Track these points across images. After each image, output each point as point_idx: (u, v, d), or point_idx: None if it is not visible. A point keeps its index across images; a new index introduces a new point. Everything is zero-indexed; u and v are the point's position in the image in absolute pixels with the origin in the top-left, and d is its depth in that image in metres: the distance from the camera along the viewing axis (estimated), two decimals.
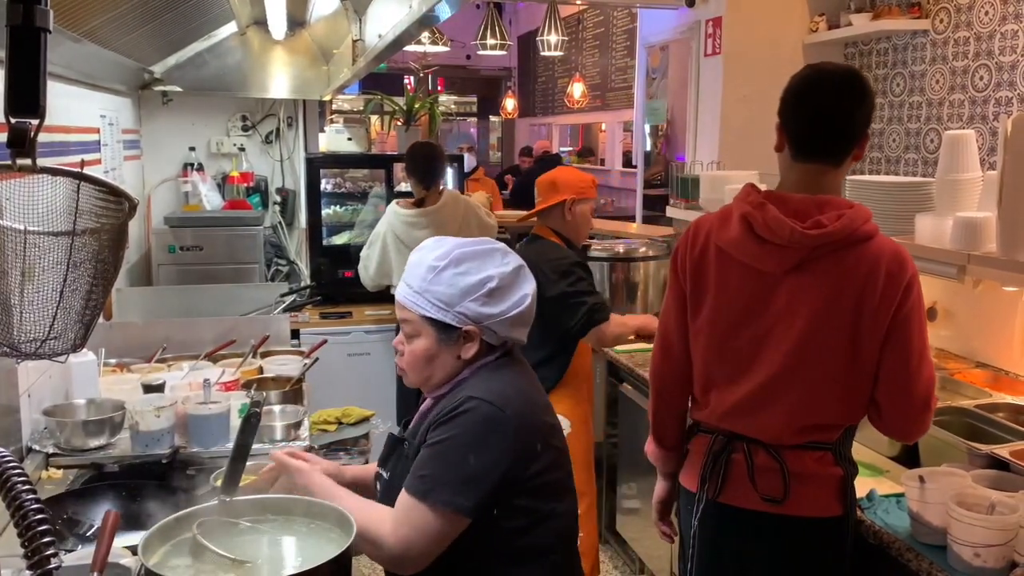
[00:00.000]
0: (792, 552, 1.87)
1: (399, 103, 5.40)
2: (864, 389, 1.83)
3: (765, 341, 1.85)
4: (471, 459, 1.49)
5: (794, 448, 1.84)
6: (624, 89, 8.54)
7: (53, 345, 1.26)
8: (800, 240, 1.76)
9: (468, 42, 8.38)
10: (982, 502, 1.73)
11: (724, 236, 1.88)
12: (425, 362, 1.59)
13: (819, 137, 1.82)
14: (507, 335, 1.60)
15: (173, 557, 1.50)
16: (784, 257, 1.79)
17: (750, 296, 1.86)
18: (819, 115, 1.82)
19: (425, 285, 1.56)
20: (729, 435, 1.90)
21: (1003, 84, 2.88)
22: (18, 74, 1.17)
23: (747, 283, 1.86)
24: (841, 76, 1.85)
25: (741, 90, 3.79)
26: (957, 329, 2.87)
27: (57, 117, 3.00)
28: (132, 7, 2.87)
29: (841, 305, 1.78)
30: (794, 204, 1.80)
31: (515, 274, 1.60)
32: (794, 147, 1.85)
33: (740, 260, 1.86)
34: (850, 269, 1.77)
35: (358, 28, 3.92)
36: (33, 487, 1.05)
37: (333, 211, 5.13)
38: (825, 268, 1.78)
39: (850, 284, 1.77)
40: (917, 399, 1.81)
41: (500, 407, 1.52)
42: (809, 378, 1.82)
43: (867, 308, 1.76)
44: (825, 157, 1.83)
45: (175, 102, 4.87)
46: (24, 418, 2.25)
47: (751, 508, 1.86)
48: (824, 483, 1.85)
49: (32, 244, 1.21)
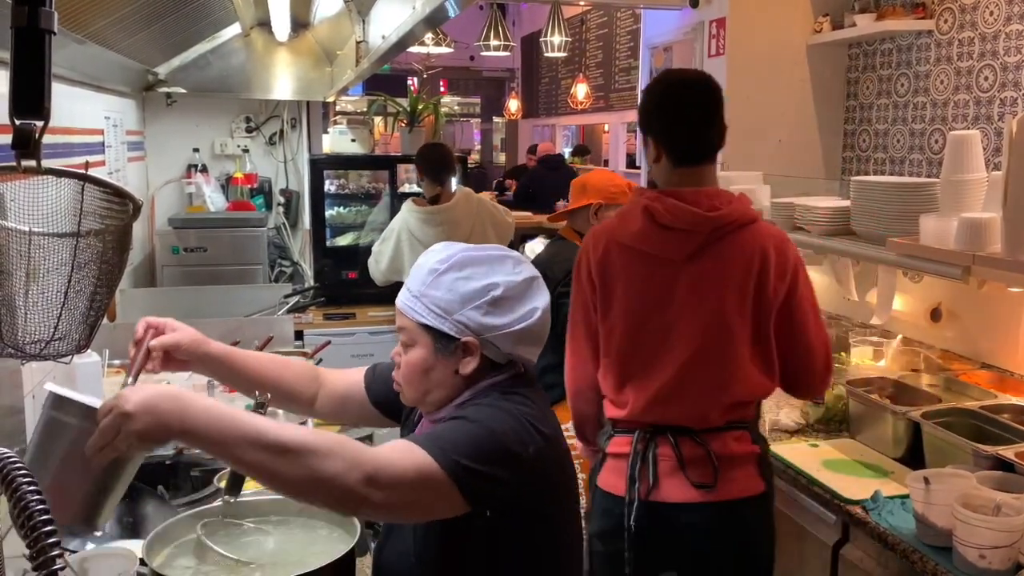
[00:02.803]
0: (727, 536, 1.95)
1: (402, 104, 5.41)
2: (773, 359, 1.98)
3: (676, 327, 1.95)
4: (485, 437, 1.30)
5: (717, 432, 1.95)
6: (628, 90, 8.53)
7: (58, 346, 1.26)
8: (702, 223, 1.91)
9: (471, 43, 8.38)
10: (987, 503, 1.73)
11: (626, 232, 1.99)
12: (421, 375, 1.40)
13: (698, 146, 2.00)
14: (511, 351, 1.40)
15: (177, 558, 1.50)
16: (687, 242, 1.94)
17: (657, 285, 1.97)
18: (693, 126, 1.99)
19: (424, 289, 1.39)
20: (653, 428, 1.95)
21: (1008, 84, 2.88)
22: (23, 76, 1.17)
23: (652, 273, 1.97)
24: (702, 85, 2.02)
25: (744, 91, 3.78)
26: (962, 330, 2.86)
27: (61, 119, 3.01)
28: (136, 9, 2.87)
29: (742, 283, 1.93)
30: (686, 196, 1.95)
31: (525, 285, 1.41)
32: (674, 158, 2.00)
33: (644, 251, 1.97)
34: (745, 249, 1.93)
35: (362, 29, 3.92)
36: (38, 487, 1.05)
37: (337, 212, 5.14)
38: (721, 250, 1.94)
39: (746, 262, 1.93)
40: (820, 357, 2.00)
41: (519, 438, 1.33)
42: (723, 356, 1.94)
43: (764, 282, 1.93)
44: (704, 160, 2.01)
45: (179, 103, 4.88)
46: (28, 419, 2.25)
47: (686, 501, 1.92)
48: (746, 462, 1.97)
49: (37, 245, 1.21)
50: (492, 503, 1.30)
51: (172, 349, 1.45)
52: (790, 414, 2.65)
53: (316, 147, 5.29)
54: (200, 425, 1.18)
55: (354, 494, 1.19)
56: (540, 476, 1.35)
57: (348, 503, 1.22)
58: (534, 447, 1.33)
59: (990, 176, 2.24)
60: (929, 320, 2.94)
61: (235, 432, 1.18)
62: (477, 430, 1.30)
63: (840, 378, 2.62)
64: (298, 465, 1.17)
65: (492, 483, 1.28)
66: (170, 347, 1.44)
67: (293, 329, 3.51)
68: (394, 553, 1.46)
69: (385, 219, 4.71)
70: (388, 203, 5.06)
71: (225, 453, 1.20)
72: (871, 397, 2.46)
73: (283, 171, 5.19)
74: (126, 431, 1.17)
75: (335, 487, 1.18)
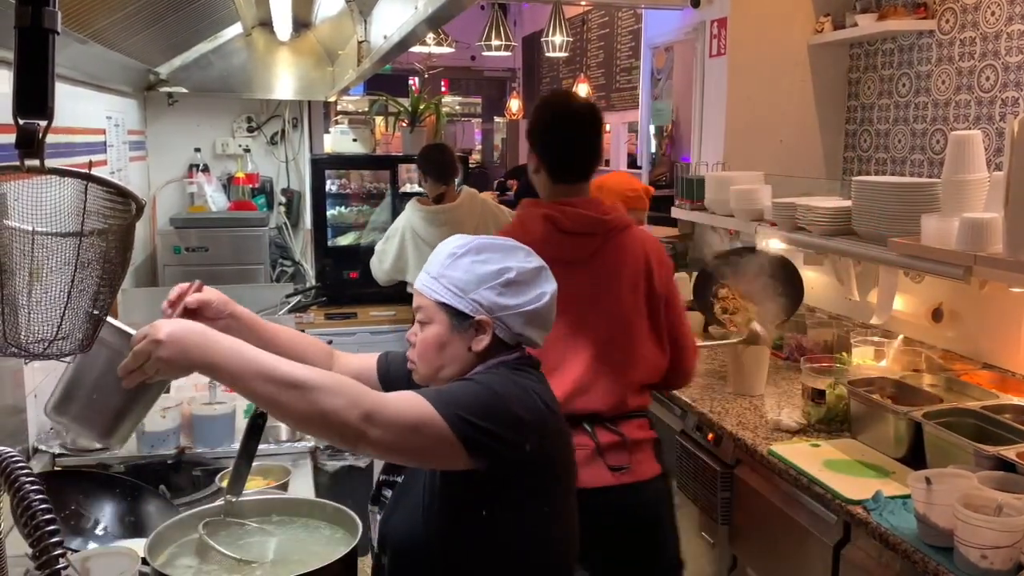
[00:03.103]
0: (639, 515, 2.20)
1: (404, 104, 5.41)
2: (664, 347, 2.27)
3: (584, 322, 2.17)
4: (489, 396, 1.41)
5: (626, 419, 2.20)
6: (629, 90, 8.53)
7: (61, 345, 1.26)
8: (599, 225, 2.20)
9: (473, 43, 8.38)
10: (989, 504, 1.73)
11: (530, 239, 2.01)
12: (436, 350, 1.51)
13: (575, 169, 2.25)
14: (521, 332, 1.52)
15: (179, 558, 1.51)
16: (587, 244, 2.20)
17: (563, 287, 2.00)
18: (574, 148, 2.24)
19: (442, 270, 1.50)
20: (570, 419, 2.04)
21: (1009, 84, 2.88)
22: (26, 75, 1.17)
23: (558, 275, 2.01)
24: (587, 111, 2.28)
25: (746, 91, 3.78)
26: (963, 330, 2.86)
27: (63, 118, 3.01)
28: (138, 9, 2.87)
29: (634, 278, 2.21)
30: (579, 204, 2.22)
31: (536, 271, 1.54)
32: (554, 175, 2.24)
33: (547, 256, 1.97)
34: (631, 248, 2.23)
35: (363, 29, 3.92)
36: (41, 486, 1.05)
37: (338, 212, 5.14)
38: (614, 250, 2.22)
39: (635, 260, 2.23)
40: (692, 347, 2.36)
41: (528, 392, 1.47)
42: (628, 344, 2.21)
43: (651, 278, 2.23)
44: (581, 179, 2.26)
45: (180, 103, 4.88)
46: (31, 418, 2.26)
47: (602, 485, 2.12)
48: (648, 446, 2.25)
49: (40, 245, 1.21)
50: (493, 458, 1.39)
51: (203, 306, 1.54)
52: (791, 414, 2.66)
53: (317, 147, 5.30)
54: (220, 358, 1.31)
55: (352, 428, 1.30)
56: (541, 441, 1.44)
57: (347, 436, 1.32)
58: (537, 414, 1.45)
59: (991, 176, 2.24)
60: (930, 320, 2.94)
61: (250, 366, 1.31)
62: (482, 390, 1.42)
63: (841, 378, 2.62)
64: (303, 399, 1.29)
65: (491, 438, 1.37)
66: (202, 303, 1.54)
67: (294, 329, 3.50)
68: (399, 522, 1.53)
69: (386, 219, 4.72)
70: (389, 203, 5.06)
71: (239, 384, 1.32)
72: (872, 397, 2.46)
73: (284, 171, 5.20)
74: (156, 356, 1.30)
75: (335, 420, 1.30)
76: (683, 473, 2.94)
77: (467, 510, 1.43)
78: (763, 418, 2.71)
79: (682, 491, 2.95)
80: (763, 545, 2.53)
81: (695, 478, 2.84)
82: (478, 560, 1.45)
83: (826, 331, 3.27)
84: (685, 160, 4.35)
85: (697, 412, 2.84)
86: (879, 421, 2.39)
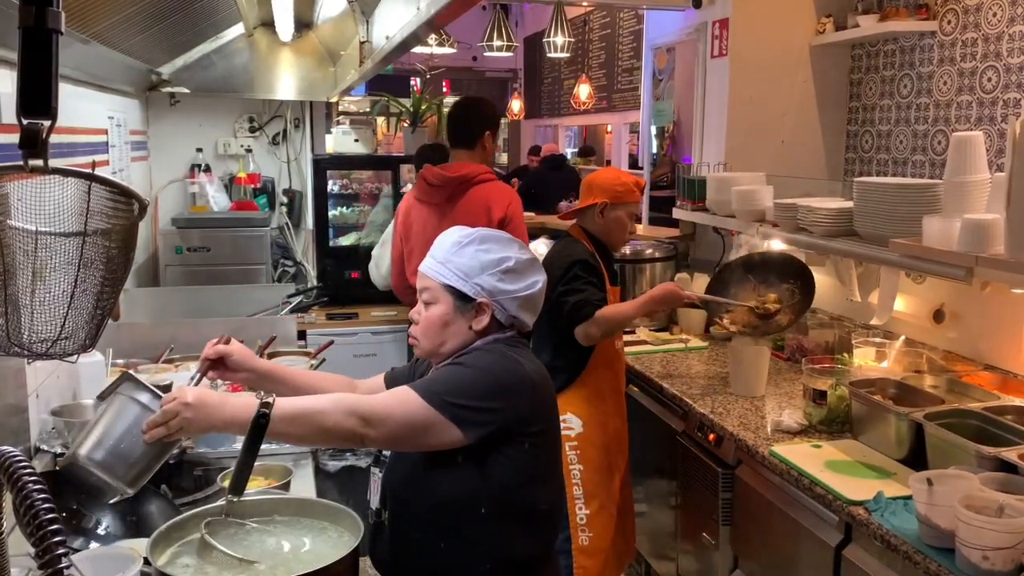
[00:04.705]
0: None
1: (405, 104, 5.41)
2: None
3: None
4: (479, 379, 1.61)
5: None
6: (630, 90, 8.53)
7: (64, 345, 1.27)
8: (448, 181, 3.25)
9: (474, 43, 8.38)
10: (990, 505, 1.73)
11: (416, 191, 3.42)
12: (440, 327, 1.69)
13: (451, 140, 3.42)
14: (516, 314, 1.71)
15: (181, 557, 1.51)
16: (440, 192, 3.28)
17: (431, 223, 3.24)
18: (458, 127, 3.37)
19: (449, 256, 1.69)
20: None
21: (1011, 85, 2.88)
22: (30, 75, 1.18)
23: (427, 213, 3.32)
24: (459, 107, 3.44)
25: (747, 92, 3.78)
26: (965, 331, 2.86)
27: (65, 118, 2.99)
28: (140, 9, 2.88)
29: (472, 219, 2.86)
30: (447, 168, 3.32)
31: (530, 262, 1.74)
32: (450, 143, 3.43)
33: (420, 200, 3.36)
34: (479, 197, 3.22)
35: (365, 30, 3.92)
36: (43, 485, 1.05)
37: (340, 212, 5.14)
38: (467, 198, 3.23)
39: (480, 204, 3.19)
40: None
41: (519, 361, 1.67)
42: None
43: (489, 216, 3.12)
44: (458, 147, 3.38)
45: (182, 103, 4.89)
46: (32, 418, 2.26)
47: None
48: None
49: (43, 245, 1.21)
50: (489, 429, 1.59)
51: (224, 356, 1.75)
52: (793, 415, 2.66)
53: (319, 147, 5.30)
54: (234, 417, 1.51)
55: (355, 434, 1.54)
56: (529, 403, 1.65)
57: (353, 441, 1.57)
58: (521, 378, 1.65)
59: (993, 177, 2.24)
60: (932, 321, 2.94)
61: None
62: (468, 373, 1.62)
63: (843, 379, 2.62)
64: (307, 425, 1.53)
65: (483, 413, 1.58)
66: (223, 355, 1.75)
67: (296, 329, 3.51)
68: (400, 474, 1.71)
69: (388, 219, 4.71)
70: (391, 203, 5.06)
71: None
72: (874, 398, 2.46)
73: (286, 171, 5.20)
74: (182, 416, 1.48)
75: (339, 432, 1.54)
76: (684, 474, 2.94)
77: (463, 455, 1.60)
78: (764, 419, 2.71)
79: (683, 491, 2.95)
80: (764, 546, 2.53)
81: (696, 479, 2.84)
82: (473, 502, 1.61)
83: (827, 332, 3.27)
84: (686, 161, 4.35)
85: (698, 413, 2.85)
86: (880, 422, 2.39)
